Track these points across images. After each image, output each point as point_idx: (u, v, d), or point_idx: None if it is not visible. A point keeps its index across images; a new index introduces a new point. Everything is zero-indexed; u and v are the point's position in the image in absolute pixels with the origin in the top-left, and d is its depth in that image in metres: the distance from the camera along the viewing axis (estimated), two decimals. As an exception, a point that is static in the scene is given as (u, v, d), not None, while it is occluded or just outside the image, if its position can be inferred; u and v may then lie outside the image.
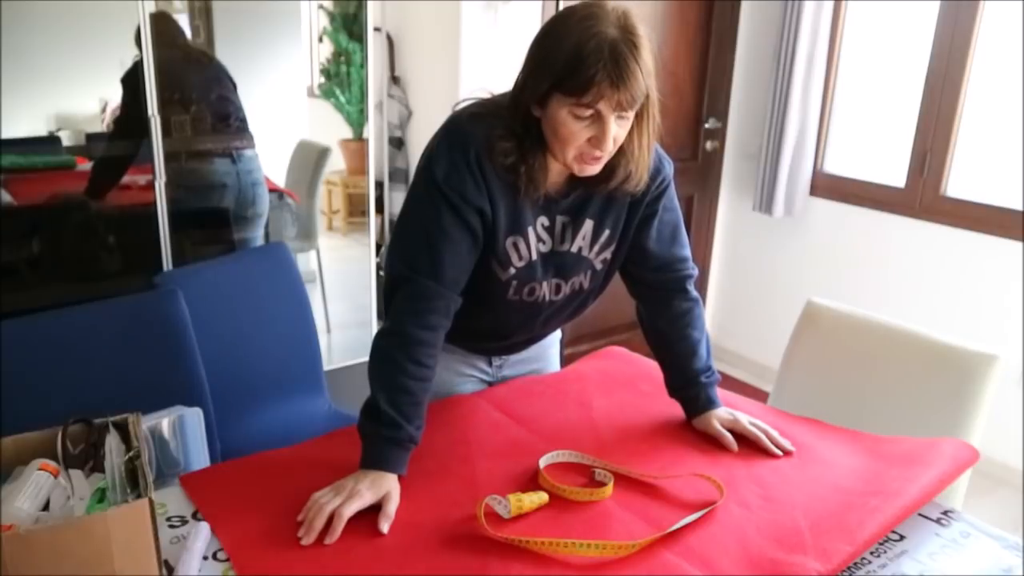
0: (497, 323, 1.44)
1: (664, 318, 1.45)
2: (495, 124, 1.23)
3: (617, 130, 1.17)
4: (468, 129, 1.25)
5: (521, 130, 1.22)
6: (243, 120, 2.63)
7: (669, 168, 1.37)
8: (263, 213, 2.76)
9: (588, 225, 1.34)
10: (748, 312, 3.71)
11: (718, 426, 1.38)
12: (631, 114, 1.18)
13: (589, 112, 1.14)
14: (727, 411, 1.42)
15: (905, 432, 1.45)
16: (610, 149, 1.19)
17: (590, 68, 1.10)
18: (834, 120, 3.34)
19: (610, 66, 1.10)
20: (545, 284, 1.36)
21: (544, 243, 1.34)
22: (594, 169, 1.22)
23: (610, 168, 1.25)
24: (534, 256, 1.33)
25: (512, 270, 1.33)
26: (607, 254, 1.38)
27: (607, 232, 1.36)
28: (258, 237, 2.77)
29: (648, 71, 1.15)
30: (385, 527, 1.12)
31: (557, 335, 1.71)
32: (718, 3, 3.39)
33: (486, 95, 1.31)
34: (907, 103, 3.01)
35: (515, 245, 1.31)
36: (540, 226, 1.32)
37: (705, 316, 1.49)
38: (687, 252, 1.45)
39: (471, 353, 1.56)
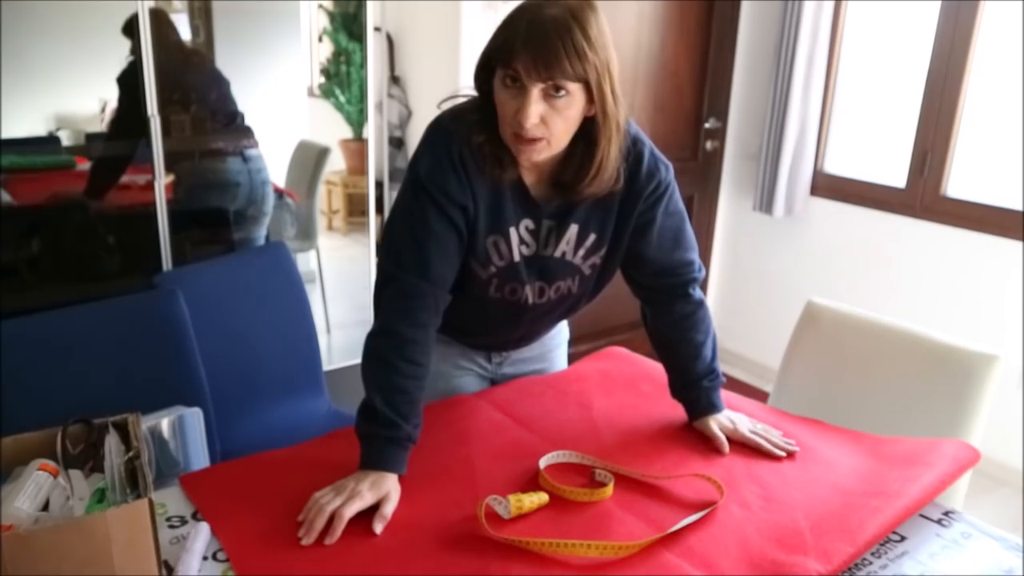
0: (480, 320, 1.44)
1: (667, 321, 1.44)
2: (471, 115, 1.24)
3: (547, 109, 1.14)
4: (450, 128, 1.26)
5: (488, 113, 1.22)
6: (243, 119, 2.63)
7: (667, 173, 1.34)
8: (268, 212, 2.77)
9: (572, 230, 1.32)
10: (748, 312, 3.71)
11: (714, 427, 1.38)
12: (567, 94, 1.14)
13: (514, 79, 1.14)
14: (728, 417, 1.41)
15: (905, 432, 1.45)
16: (537, 128, 1.15)
17: (507, 31, 1.14)
18: (834, 120, 3.34)
19: (524, 31, 1.12)
20: (528, 287, 1.36)
21: (527, 246, 1.33)
22: (529, 154, 1.19)
23: (575, 170, 1.24)
24: (516, 258, 1.32)
25: (492, 269, 1.32)
26: (595, 259, 1.37)
27: (593, 237, 1.34)
28: (261, 236, 2.77)
29: (583, 55, 1.11)
30: (379, 528, 1.12)
31: (564, 336, 1.70)
32: (718, 3, 3.39)
33: (473, 93, 1.31)
34: (907, 103, 3.01)
35: (495, 244, 1.30)
36: (524, 228, 1.31)
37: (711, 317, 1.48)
38: (692, 255, 1.41)
39: (468, 347, 1.56)
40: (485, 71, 1.21)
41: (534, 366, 1.64)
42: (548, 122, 1.16)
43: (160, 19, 2.35)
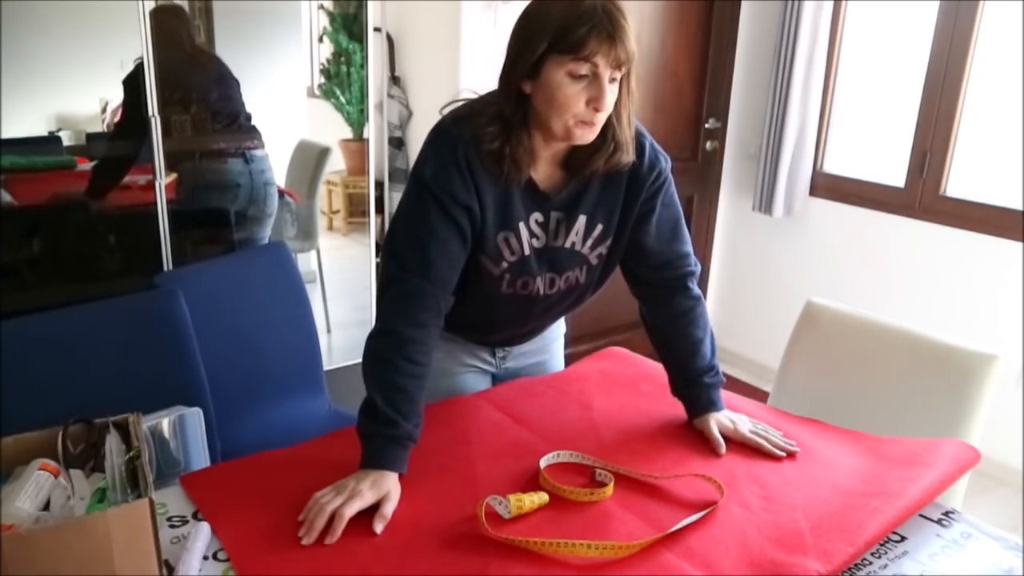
0: (491, 315, 1.45)
1: (666, 317, 1.46)
2: (479, 121, 1.25)
3: (610, 95, 1.20)
4: (454, 130, 1.27)
5: (509, 111, 1.24)
6: (250, 119, 2.63)
7: (666, 164, 1.39)
8: (272, 213, 2.77)
9: (581, 221, 1.35)
10: (748, 312, 3.71)
11: (713, 427, 1.38)
12: (618, 79, 1.21)
13: (585, 70, 1.16)
14: (728, 417, 1.41)
15: (905, 432, 1.45)
16: (607, 111, 1.21)
17: (586, 23, 1.14)
18: (834, 120, 3.35)
19: (605, 21, 1.14)
20: (539, 278, 1.38)
21: (538, 239, 1.35)
22: (591, 134, 1.23)
23: (596, 144, 1.27)
24: (527, 251, 1.34)
25: (504, 264, 1.34)
26: (602, 249, 1.39)
27: (600, 227, 1.37)
28: (265, 237, 2.77)
29: (633, 36, 1.18)
30: (379, 527, 1.12)
31: (562, 329, 1.72)
32: (718, 3, 3.39)
33: (472, 95, 1.32)
34: (907, 103, 3.01)
35: (506, 240, 1.32)
36: (534, 222, 1.33)
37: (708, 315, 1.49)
38: (688, 248, 1.45)
39: (473, 344, 1.56)
40: (535, 65, 1.19)
41: (536, 359, 1.66)
42: (608, 103, 1.21)
43: (176, 17, 2.34)
